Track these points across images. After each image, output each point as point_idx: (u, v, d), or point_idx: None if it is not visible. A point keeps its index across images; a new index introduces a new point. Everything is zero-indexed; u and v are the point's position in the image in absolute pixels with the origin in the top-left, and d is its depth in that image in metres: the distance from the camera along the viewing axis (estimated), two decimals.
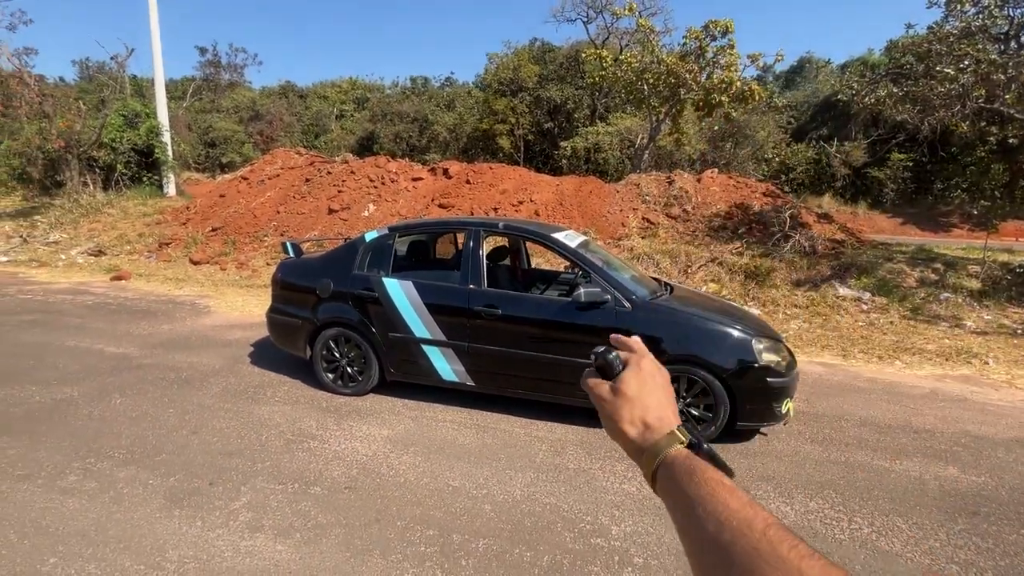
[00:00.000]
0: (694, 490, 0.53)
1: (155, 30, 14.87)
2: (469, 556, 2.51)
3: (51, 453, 3.35)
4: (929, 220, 21.21)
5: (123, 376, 4.71)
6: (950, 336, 6.66)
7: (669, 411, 0.64)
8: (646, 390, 0.65)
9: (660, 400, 0.65)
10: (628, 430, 0.63)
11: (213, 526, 2.67)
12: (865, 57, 28.03)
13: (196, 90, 36.56)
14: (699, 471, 0.54)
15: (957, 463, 3.56)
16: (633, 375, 0.66)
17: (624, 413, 0.64)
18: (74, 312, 6.97)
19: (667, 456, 0.58)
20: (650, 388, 0.65)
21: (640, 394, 0.64)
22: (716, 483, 0.52)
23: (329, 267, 4.54)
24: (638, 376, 0.66)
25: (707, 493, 0.52)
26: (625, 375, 0.66)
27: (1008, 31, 8.43)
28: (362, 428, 3.84)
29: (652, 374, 0.67)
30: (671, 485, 0.56)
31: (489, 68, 27.56)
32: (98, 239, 12.01)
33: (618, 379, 0.66)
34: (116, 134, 14.48)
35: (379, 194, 11.84)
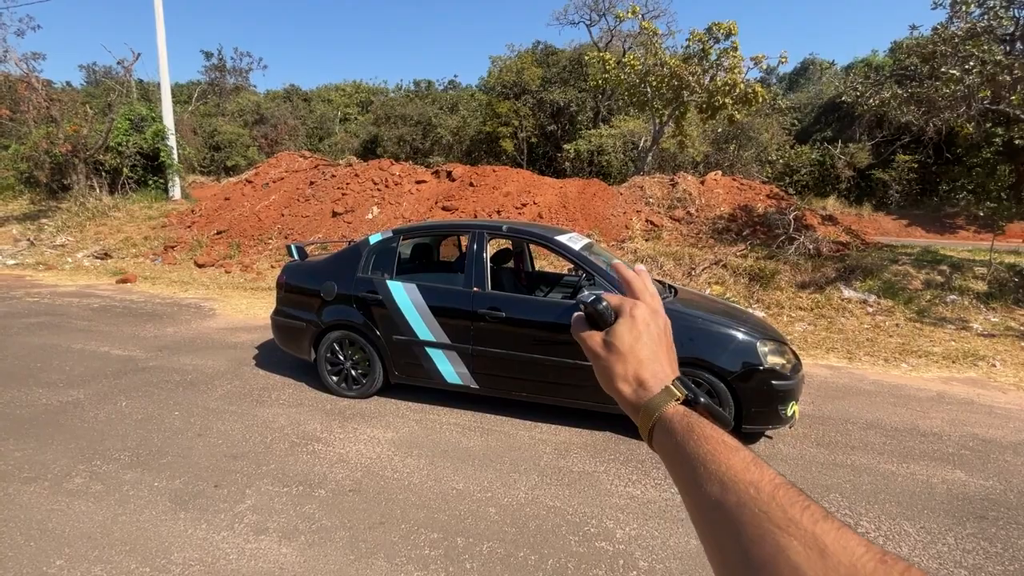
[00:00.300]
0: (693, 449, 0.49)
1: (161, 35, 14.98)
2: (473, 559, 2.50)
3: (57, 455, 3.37)
4: (934, 222, 21.10)
5: (129, 379, 4.74)
6: (956, 338, 6.62)
7: (665, 364, 0.60)
8: (640, 343, 0.60)
9: (655, 353, 0.60)
10: (622, 387, 0.59)
11: (218, 528, 2.68)
12: (869, 58, 27.97)
13: (201, 94, 36.80)
14: (697, 429, 0.51)
15: (964, 466, 3.53)
16: (626, 327, 0.61)
17: (618, 369, 0.60)
18: (80, 315, 7.01)
19: (663, 414, 0.55)
20: (644, 340, 0.60)
21: (634, 348, 0.60)
22: (716, 441, 0.49)
23: (333, 270, 4.56)
24: (632, 328, 0.61)
25: (707, 452, 0.48)
26: (617, 327, 0.61)
27: (1014, 32, 8.40)
28: (366, 431, 3.84)
29: (647, 323, 0.61)
30: (669, 443, 0.53)
31: (492, 71, 27.61)
32: (104, 242, 12.08)
33: (610, 331, 0.61)
34: (122, 138, 14.58)
35: (383, 197, 11.88)
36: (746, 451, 0.48)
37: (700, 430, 0.51)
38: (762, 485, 0.44)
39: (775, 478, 0.44)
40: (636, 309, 0.62)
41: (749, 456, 0.47)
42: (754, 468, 0.46)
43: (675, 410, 0.54)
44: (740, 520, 0.42)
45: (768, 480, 0.44)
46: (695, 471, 0.48)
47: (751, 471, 0.45)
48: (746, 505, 0.43)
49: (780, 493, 0.43)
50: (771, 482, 0.44)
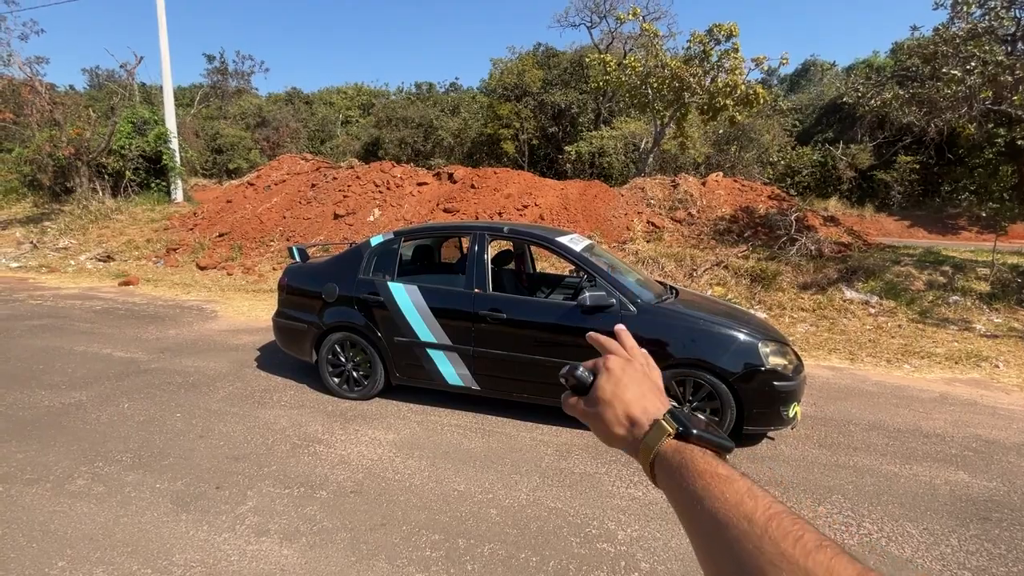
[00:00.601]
0: (689, 486, 0.50)
1: (163, 38, 15.05)
2: (475, 561, 2.50)
3: (59, 457, 3.37)
4: (937, 222, 21.06)
5: (131, 381, 4.75)
6: (959, 339, 6.60)
7: (652, 399, 0.62)
8: (621, 387, 0.63)
9: (640, 391, 0.63)
10: (617, 431, 0.62)
11: (219, 530, 2.68)
12: (870, 59, 27.95)
13: (204, 97, 36.95)
14: (691, 464, 0.52)
15: (968, 468, 3.52)
16: (604, 379, 0.64)
17: (608, 416, 0.62)
18: (83, 317, 7.03)
19: (659, 452, 0.56)
20: (625, 383, 0.63)
21: (616, 392, 0.63)
22: (710, 475, 0.50)
23: (335, 272, 4.56)
24: (609, 378, 0.64)
25: (702, 488, 0.49)
26: (597, 383, 0.65)
27: (1015, 32, 8.39)
28: (368, 432, 3.84)
29: (623, 369, 0.65)
30: (668, 481, 0.54)
31: (493, 73, 27.67)
32: (107, 245, 12.12)
33: (592, 389, 0.65)
34: (125, 141, 14.64)
35: (384, 199, 11.90)
36: (740, 481, 0.49)
37: (693, 465, 0.52)
38: (755, 518, 0.44)
39: (768, 508, 0.45)
40: (608, 362, 0.66)
41: (744, 487, 0.48)
42: (748, 500, 0.46)
43: (669, 446, 0.56)
44: (738, 557, 0.43)
45: (762, 512, 0.45)
46: (692, 508, 0.49)
47: (745, 504, 0.46)
48: (740, 541, 0.44)
49: (773, 526, 0.43)
50: (764, 514, 0.44)
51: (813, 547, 0.41)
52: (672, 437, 0.56)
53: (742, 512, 0.45)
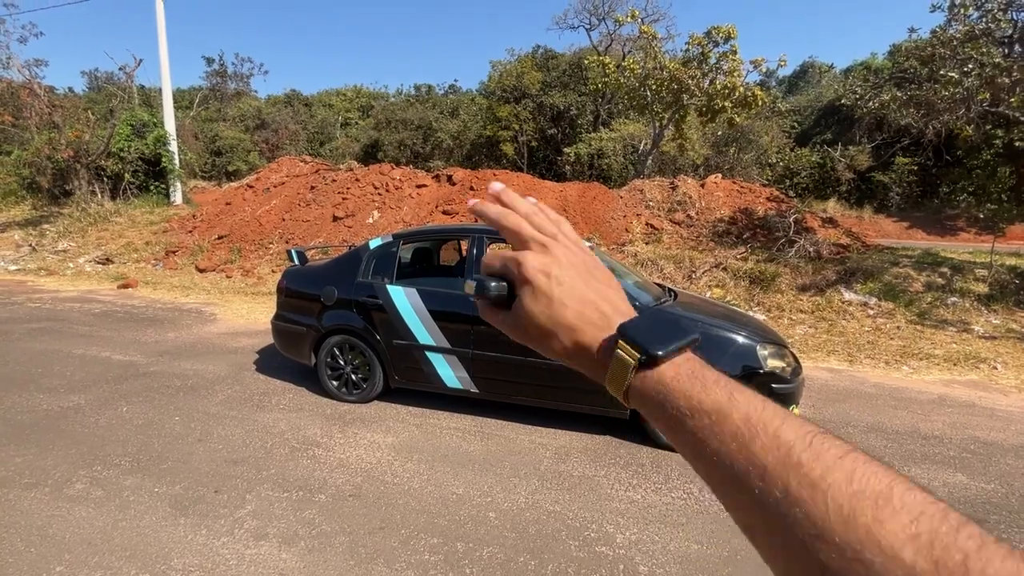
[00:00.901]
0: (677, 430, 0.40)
1: (163, 41, 15.06)
2: (473, 564, 2.50)
3: (58, 461, 3.37)
4: (935, 224, 21.11)
5: (129, 384, 4.74)
6: (958, 341, 6.61)
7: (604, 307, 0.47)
8: (556, 306, 0.46)
9: (583, 302, 0.46)
10: (572, 364, 0.48)
11: (218, 534, 2.68)
12: (868, 61, 28.02)
13: (203, 99, 36.97)
14: (671, 402, 0.41)
15: (966, 470, 3.52)
16: (529, 297, 0.47)
17: (556, 347, 0.47)
18: (82, 320, 7.02)
19: (631, 388, 0.43)
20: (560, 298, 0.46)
21: (553, 316, 0.46)
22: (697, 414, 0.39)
23: (334, 274, 4.57)
24: (535, 295, 0.46)
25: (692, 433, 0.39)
26: (522, 304, 0.47)
27: (1012, 34, 8.42)
28: (367, 435, 3.84)
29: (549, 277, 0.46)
30: (652, 421, 0.43)
31: (492, 75, 27.71)
32: (106, 247, 12.12)
33: (516, 309, 0.48)
34: (124, 143, 14.65)
35: (383, 201, 11.90)
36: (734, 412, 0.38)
37: (675, 405, 0.40)
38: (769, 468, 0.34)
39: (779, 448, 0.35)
40: (525, 269, 0.47)
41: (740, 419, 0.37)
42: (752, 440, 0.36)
43: (640, 381, 0.43)
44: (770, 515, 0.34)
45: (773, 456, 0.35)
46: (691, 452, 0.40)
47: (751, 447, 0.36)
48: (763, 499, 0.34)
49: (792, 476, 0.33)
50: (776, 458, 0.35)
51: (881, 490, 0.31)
52: (637, 369, 0.43)
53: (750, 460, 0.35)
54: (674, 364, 0.43)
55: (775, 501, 0.33)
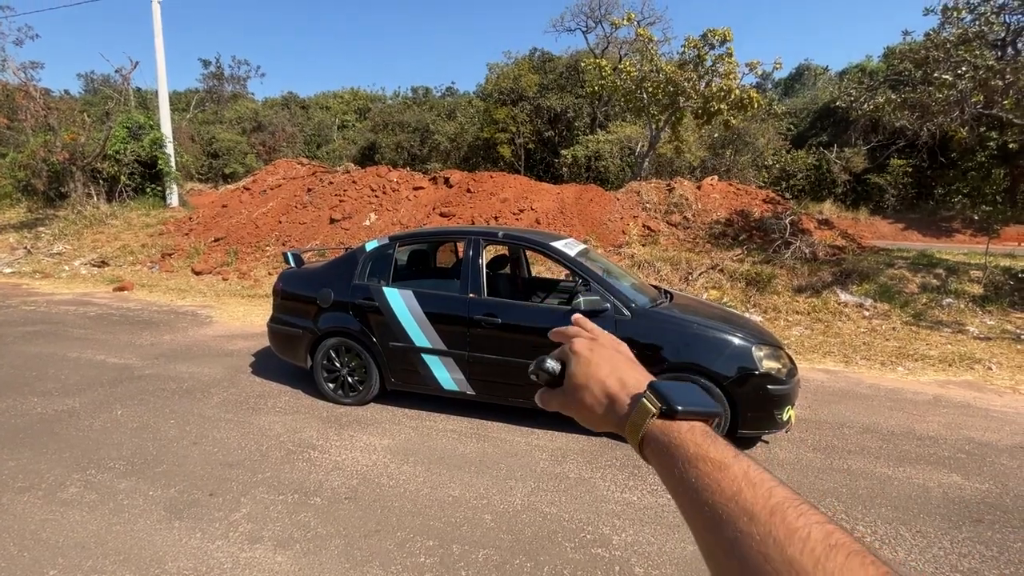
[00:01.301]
0: (681, 473, 0.46)
1: (159, 43, 15.04)
2: (469, 567, 2.49)
3: (52, 465, 3.35)
4: (931, 225, 21.18)
5: (124, 387, 4.72)
6: (953, 342, 6.64)
7: (629, 371, 0.59)
8: (592, 368, 0.60)
9: (613, 365, 0.60)
10: (599, 413, 0.58)
11: (213, 537, 2.67)
12: (863, 64, 28.16)
13: (199, 102, 36.94)
14: (680, 450, 0.47)
15: (961, 470, 3.54)
16: (574, 364, 0.61)
17: (587, 400, 0.59)
18: (77, 323, 6.99)
19: (647, 432, 0.52)
20: (596, 363, 0.60)
21: (590, 373, 0.60)
22: (702, 461, 0.45)
23: (330, 277, 4.56)
24: (579, 361, 0.61)
25: (695, 478, 0.45)
26: (569, 369, 0.62)
27: (1005, 37, 8.48)
28: (362, 438, 3.83)
29: (590, 350, 0.62)
30: (659, 465, 0.50)
31: (490, 78, 27.75)
32: (101, 250, 12.08)
33: (565, 377, 0.62)
34: (120, 146, 14.60)
35: (380, 203, 11.90)
36: (735, 465, 0.44)
37: (684, 451, 0.47)
38: (756, 513, 0.40)
39: (769, 499, 0.41)
40: (575, 345, 0.63)
41: (740, 472, 0.44)
42: (746, 490, 0.42)
43: (655, 428, 0.51)
44: (741, 559, 0.39)
45: (762, 505, 0.40)
46: (687, 498, 0.45)
47: (743, 495, 0.41)
48: (742, 541, 0.39)
49: (776, 522, 0.39)
50: (765, 507, 0.40)
51: (822, 552, 0.36)
52: (657, 417, 0.52)
53: (741, 506, 0.41)
54: (690, 424, 0.50)
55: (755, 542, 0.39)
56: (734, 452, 0.46)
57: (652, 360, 3.64)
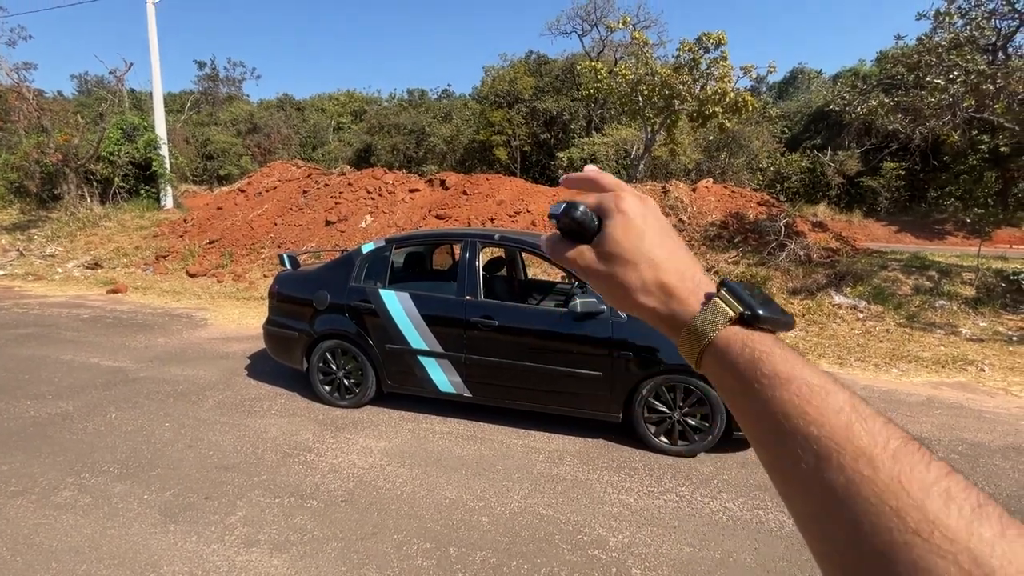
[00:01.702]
0: (767, 395, 0.37)
1: (154, 45, 14.99)
2: (466, 569, 2.49)
3: (45, 468, 3.33)
4: (923, 228, 21.36)
5: (118, 390, 4.69)
6: (946, 343, 6.69)
7: (689, 261, 0.47)
8: (646, 241, 0.46)
9: (670, 248, 0.47)
10: (645, 301, 0.46)
11: (208, 541, 2.65)
12: (856, 68, 28.39)
13: (194, 103, 36.79)
14: (767, 364, 0.38)
15: None
16: (621, 227, 0.47)
17: (631, 280, 0.46)
18: (70, 326, 6.95)
19: (716, 340, 0.42)
20: (650, 236, 0.47)
21: (640, 249, 0.46)
22: (799, 383, 0.36)
23: (326, 279, 4.55)
24: (628, 226, 0.47)
25: (787, 401, 0.36)
26: (610, 231, 0.47)
27: (995, 42, 8.58)
28: (359, 440, 3.82)
29: (643, 216, 0.47)
30: (731, 380, 0.41)
31: (486, 80, 27.83)
32: (95, 252, 12.00)
33: (601, 239, 0.48)
34: (114, 147, 14.53)
35: (376, 206, 11.89)
36: (842, 392, 0.36)
37: (772, 366, 0.38)
38: (878, 457, 0.31)
39: (890, 439, 0.32)
40: (623, 202, 0.47)
41: (847, 401, 0.35)
42: (859, 426, 0.33)
43: (730, 336, 0.41)
44: (853, 508, 0.31)
45: (882, 446, 0.32)
46: (775, 428, 0.36)
47: (856, 431, 0.33)
48: (860, 490, 0.31)
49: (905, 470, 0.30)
50: (886, 449, 0.31)
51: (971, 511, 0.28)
52: (733, 323, 0.42)
53: (857, 444, 0.32)
54: (774, 336, 0.42)
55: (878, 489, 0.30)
56: (832, 375, 0.38)
57: (649, 362, 3.66)
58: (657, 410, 3.69)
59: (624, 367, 3.68)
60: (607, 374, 3.72)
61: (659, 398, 3.68)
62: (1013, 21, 8.26)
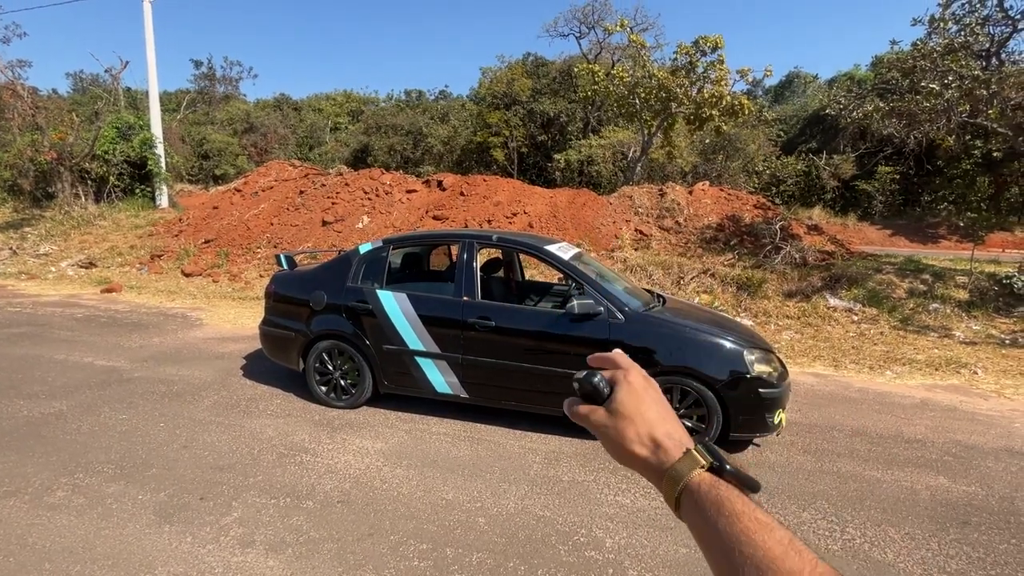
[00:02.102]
0: (725, 528, 0.47)
1: (150, 43, 14.93)
2: (463, 570, 2.49)
3: (39, 468, 3.30)
4: (917, 231, 21.49)
5: (113, 390, 4.67)
6: (939, 346, 6.73)
7: (676, 425, 0.60)
8: (644, 405, 0.60)
9: (662, 413, 0.60)
10: (638, 451, 0.58)
11: (204, 542, 2.64)
12: (852, 72, 28.57)
13: (190, 102, 36.61)
14: (727, 504, 0.49)
15: (948, 473, 3.59)
16: (626, 392, 0.61)
17: (628, 433, 0.59)
18: (64, 325, 6.90)
19: (690, 482, 0.53)
20: (647, 402, 0.60)
21: (639, 409, 0.60)
22: (749, 519, 0.47)
23: (323, 279, 4.54)
24: (631, 392, 0.61)
25: (740, 532, 0.46)
26: (618, 395, 0.61)
27: (989, 48, 8.65)
28: (355, 441, 3.82)
29: (644, 388, 0.62)
30: (698, 518, 0.51)
31: (483, 81, 27.83)
32: (89, 251, 11.93)
33: (611, 400, 0.61)
34: (109, 146, 14.46)
35: (373, 206, 11.87)
36: (782, 530, 0.47)
37: (731, 506, 0.49)
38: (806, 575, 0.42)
39: (820, 566, 0.43)
40: (630, 375, 0.62)
41: (786, 537, 0.46)
42: (792, 554, 0.44)
43: (701, 479, 0.52)
44: None
45: (811, 571, 0.43)
46: (728, 554, 0.46)
47: (790, 558, 0.43)
48: None
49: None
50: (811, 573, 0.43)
51: None
52: (705, 470, 0.53)
53: (787, 567, 0.43)
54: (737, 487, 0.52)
55: None
56: (778, 519, 0.49)
57: (646, 363, 3.66)
58: None
59: None
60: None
61: None
62: (1006, 27, 8.34)
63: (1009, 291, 7.98)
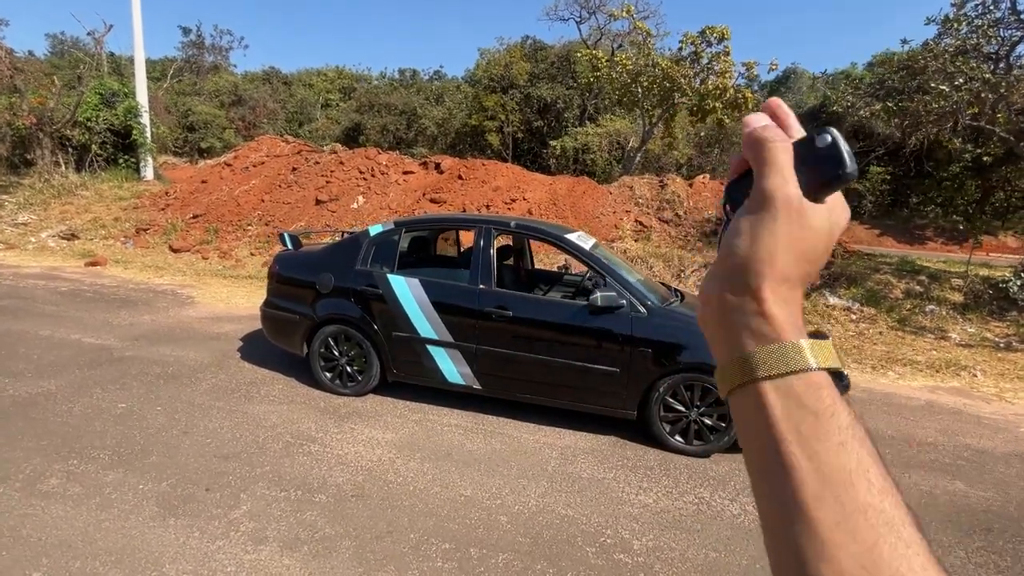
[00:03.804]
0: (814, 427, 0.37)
1: (136, 6, 14.26)
2: (489, 572, 2.39)
3: (28, 453, 3.11)
4: (904, 232, 21.81)
5: (104, 370, 4.44)
6: (937, 348, 6.78)
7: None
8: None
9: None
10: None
11: (213, 537, 2.49)
12: (848, 71, 28.65)
13: (177, 71, 35.39)
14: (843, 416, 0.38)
15: (963, 477, 3.58)
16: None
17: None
18: (47, 299, 6.59)
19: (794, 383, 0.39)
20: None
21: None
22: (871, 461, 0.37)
23: (330, 261, 4.35)
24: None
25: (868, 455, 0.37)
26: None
27: (999, 51, 8.64)
28: (364, 431, 3.68)
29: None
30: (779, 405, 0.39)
31: (480, 63, 27.32)
32: (70, 222, 11.46)
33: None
34: (92, 113, 13.84)
35: (369, 187, 11.57)
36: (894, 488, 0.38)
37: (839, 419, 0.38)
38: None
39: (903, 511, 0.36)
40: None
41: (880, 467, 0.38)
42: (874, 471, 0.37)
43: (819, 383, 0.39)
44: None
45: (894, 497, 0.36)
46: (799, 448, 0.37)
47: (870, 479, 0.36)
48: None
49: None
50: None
51: None
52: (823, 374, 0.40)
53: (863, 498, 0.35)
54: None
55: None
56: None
57: (668, 360, 3.57)
58: (673, 408, 3.61)
59: (643, 364, 3.59)
60: (624, 370, 3.62)
61: (676, 396, 3.61)
62: (1018, 31, 8.32)
63: (1004, 295, 8.07)
